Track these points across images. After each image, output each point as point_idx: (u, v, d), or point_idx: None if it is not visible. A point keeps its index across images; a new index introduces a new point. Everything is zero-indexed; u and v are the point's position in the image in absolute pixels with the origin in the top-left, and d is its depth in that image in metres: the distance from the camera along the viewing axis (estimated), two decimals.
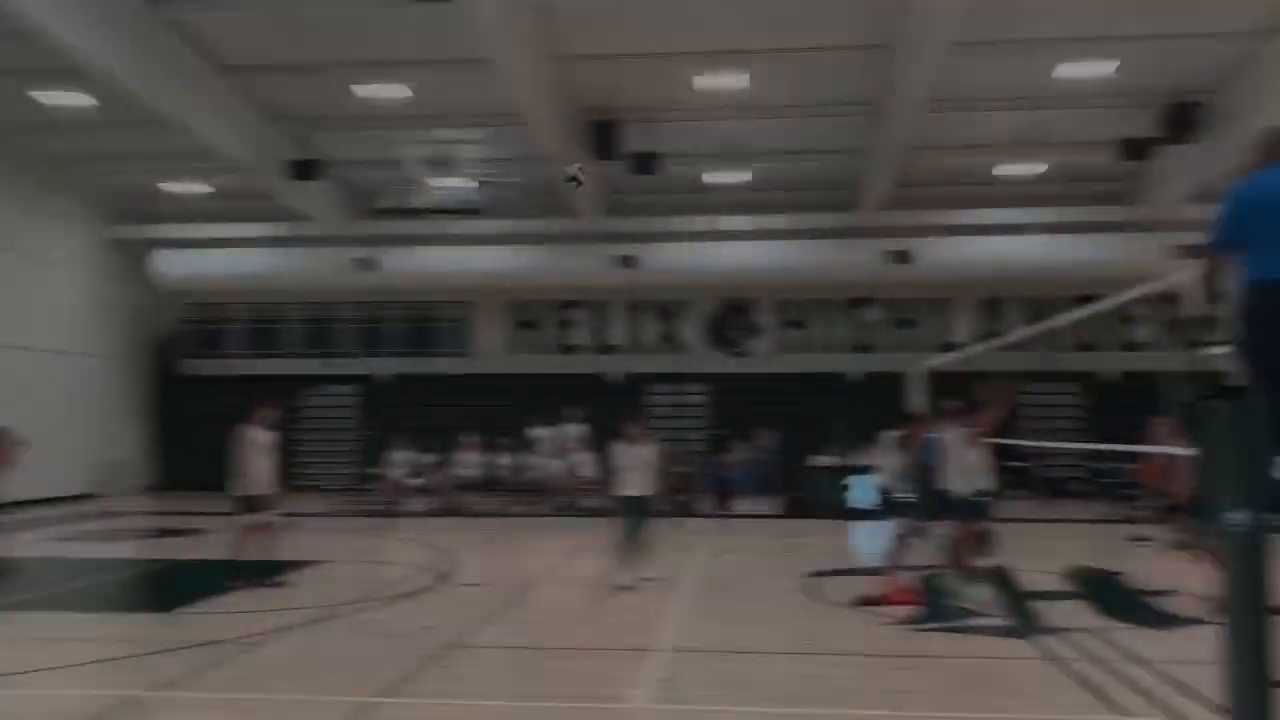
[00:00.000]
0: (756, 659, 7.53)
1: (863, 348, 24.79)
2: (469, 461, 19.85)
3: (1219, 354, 5.28)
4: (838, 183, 21.93)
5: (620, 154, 17.78)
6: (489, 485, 19.70)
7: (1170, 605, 9.57)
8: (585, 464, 18.98)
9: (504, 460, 19.97)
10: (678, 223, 22.52)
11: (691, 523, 17.44)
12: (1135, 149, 16.87)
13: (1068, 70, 15.52)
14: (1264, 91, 15.33)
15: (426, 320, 25.82)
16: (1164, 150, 17.47)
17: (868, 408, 17.10)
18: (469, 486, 19.57)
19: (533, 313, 25.70)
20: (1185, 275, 5.35)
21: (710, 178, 20.99)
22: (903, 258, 21.64)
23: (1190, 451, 5.42)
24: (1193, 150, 17.40)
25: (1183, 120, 16.30)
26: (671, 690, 6.65)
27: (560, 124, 17.08)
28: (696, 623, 8.95)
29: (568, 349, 25.50)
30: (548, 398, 21.15)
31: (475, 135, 18.77)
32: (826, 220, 22.22)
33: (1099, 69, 15.39)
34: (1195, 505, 9.59)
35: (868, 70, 16.19)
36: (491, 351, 25.39)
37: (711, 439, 23.97)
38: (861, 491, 12.93)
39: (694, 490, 19.98)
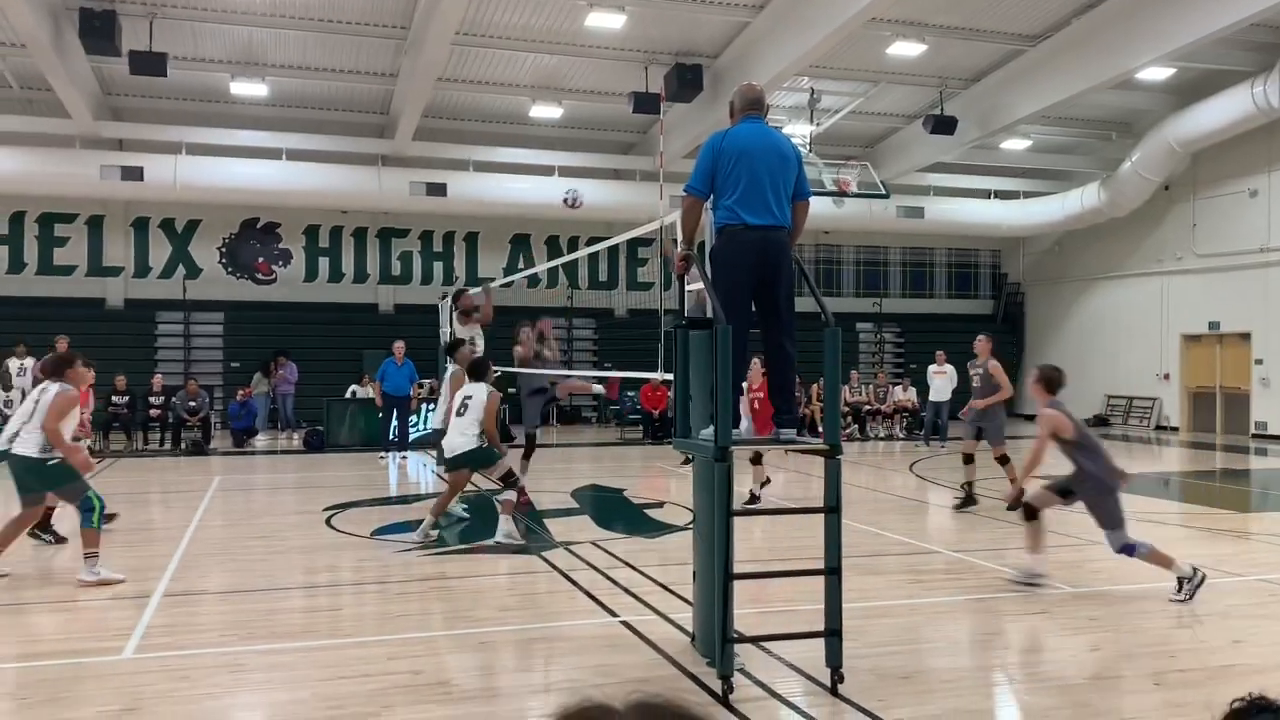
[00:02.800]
0: (266, 596, 7.24)
1: (394, 278, 24.56)
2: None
3: (695, 289, 5.91)
4: (369, 106, 21.32)
5: (120, 50, 15.71)
6: None
7: (659, 515, 10.80)
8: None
9: None
10: (192, 134, 20.52)
11: (208, 460, 16.41)
12: (645, 103, 18.25)
13: (592, 20, 16.30)
14: (752, 57, 17.32)
15: None
16: (670, 106, 19.11)
17: (399, 339, 16.97)
18: None
19: (9, 225, 22.18)
20: (676, 217, 5.90)
21: (237, 88, 19.28)
22: (438, 190, 21.62)
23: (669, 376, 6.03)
24: (693, 108, 19.27)
25: (685, 80, 17.91)
26: (166, 637, 6.18)
27: (40, 7, 14.68)
28: (205, 564, 8.39)
29: (57, 269, 22.42)
30: (30, 324, 18.49)
31: None
32: (357, 145, 21.51)
33: (611, 20, 16.34)
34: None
35: None
36: None
37: (228, 371, 22.58)
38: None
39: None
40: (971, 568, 8.24)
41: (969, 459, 11.41)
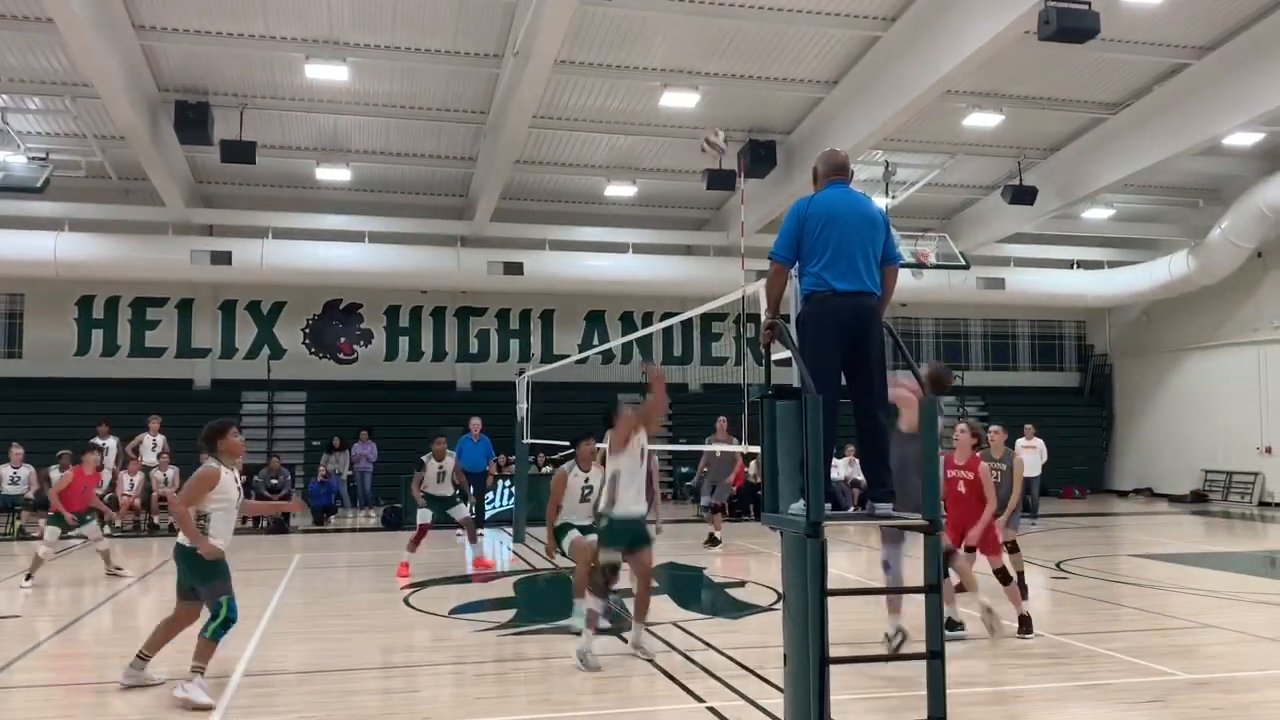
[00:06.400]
0: (344, 677, 7.12)
1: (472, 356, 24.81)
2: (18, 476, 17.22)
3: (782, 358, 5.74)
4: (448, 189, 21.80)
5: (212, 140, 16.35)
6: (43, 504, 17.20)
7: (741, 595, 10.49)
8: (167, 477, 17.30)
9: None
10: (278, 218, 21.16)
11: (289, 538, 16.53)
12: (720, 180, 18.36)
13: (666, 100, 16.50)
14: (826, 132, 17.32)
15: None
16: (744, 182, 19.18)
17: (475, 416, 17.05)
18: (15, 505, 16.99)
19: (104, 310, 23.01)
20: (756, 288, 5.78)
21: (322, 174, 19.94)
22: (515, 269, 21.90)
23: (751, 449, 5.84)
24: (767, 183, 19.30)
25: (759, 156, 17.98)
26: (246, 718, 6.08)
27: (140, 101, 15.37)
28: (285, 644, 8.32)
29: (148, 351, 23.12)
30: (121, 405, 19.02)
31: (34, 104, 16.49)
32: (436, 226, 21.95)
33: (685, 100, 16.53)
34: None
35: (476, 79, 16.20)
36: (50, 353, 22.40)
37: (309, 449, 22.84)
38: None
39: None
40: (1074, 651, 7.78)
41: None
